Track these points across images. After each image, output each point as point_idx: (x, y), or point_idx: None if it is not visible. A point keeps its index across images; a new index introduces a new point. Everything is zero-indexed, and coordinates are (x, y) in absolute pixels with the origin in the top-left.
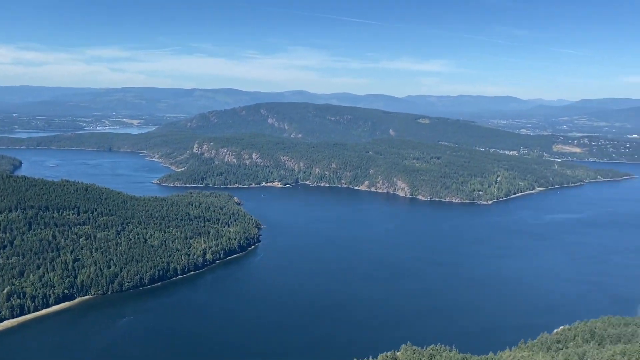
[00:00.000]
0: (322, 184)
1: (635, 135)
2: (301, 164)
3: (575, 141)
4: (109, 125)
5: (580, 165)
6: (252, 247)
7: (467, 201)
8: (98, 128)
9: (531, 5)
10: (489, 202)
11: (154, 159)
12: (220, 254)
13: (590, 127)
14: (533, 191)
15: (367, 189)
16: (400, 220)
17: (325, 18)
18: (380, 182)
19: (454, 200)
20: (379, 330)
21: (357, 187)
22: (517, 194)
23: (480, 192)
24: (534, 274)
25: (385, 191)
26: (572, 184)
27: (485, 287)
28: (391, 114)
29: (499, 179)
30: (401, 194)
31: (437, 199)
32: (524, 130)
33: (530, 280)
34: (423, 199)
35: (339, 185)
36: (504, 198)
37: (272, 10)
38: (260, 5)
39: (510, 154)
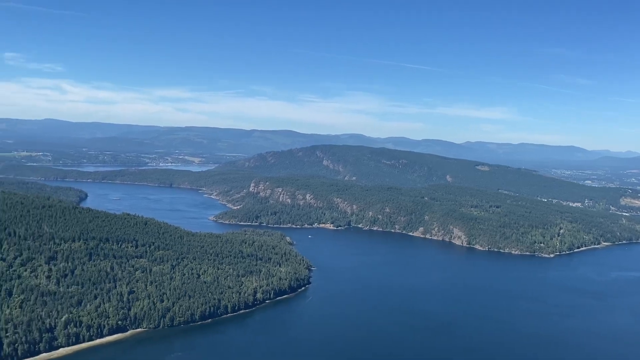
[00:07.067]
0: (374, 228)
1: None
2: (354, 207)
3: None
4: (172, 163)
5: None
6: (302, 288)
7: (527, 253)
8: (161, 165)
9: (591, 55)
10: (551, 255)
11: (212, 196)
12: (270, 294)
13: None
14: (598, 246)
15: (422, 236)
16: (455, 271)
17: (382, 64)
18: (436, 229)
19: (513, 252)
20: None
21: (411, 233)
22: (581, 248)
23: (542, 245)
24: (591, 336)
25: (440, 239)
26: None
27: (537, 348)
28: (448, 160)
29: (561, 231)
30: (457, 242)
31: (495, 250)
32: (589, 181)
33: (584, 342)
34: (480, 248)
35: (392, 230)
36: (567, 252)
37: (331, 56)
38: (319, 51)
39: (574, 205)
